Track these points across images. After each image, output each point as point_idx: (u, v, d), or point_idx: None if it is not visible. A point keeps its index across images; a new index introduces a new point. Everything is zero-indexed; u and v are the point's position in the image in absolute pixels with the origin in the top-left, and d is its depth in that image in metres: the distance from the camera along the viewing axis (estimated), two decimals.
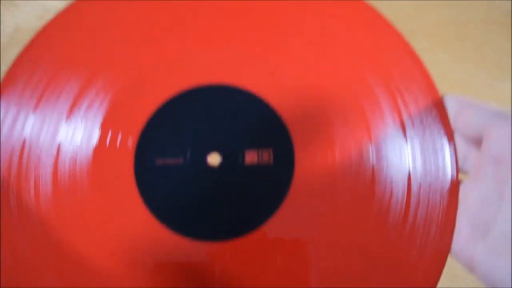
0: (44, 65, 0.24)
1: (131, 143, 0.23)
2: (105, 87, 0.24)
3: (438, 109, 0.23)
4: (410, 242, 0.22)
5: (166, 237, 0.22)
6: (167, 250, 0.22)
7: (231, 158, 0.23)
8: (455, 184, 0.22)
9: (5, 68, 0.25)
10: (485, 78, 0.45)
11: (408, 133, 0.23)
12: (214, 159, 0.23)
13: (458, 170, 0.22)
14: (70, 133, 0.23)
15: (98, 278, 0.22)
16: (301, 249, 0.22)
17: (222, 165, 0.23)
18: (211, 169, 0.23)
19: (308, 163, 0.23)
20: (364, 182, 0.23)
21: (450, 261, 0.22)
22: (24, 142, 0.23)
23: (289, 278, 0.22)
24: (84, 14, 0.25)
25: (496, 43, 0.46)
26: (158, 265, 0.22)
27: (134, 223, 0.23)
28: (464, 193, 0.22)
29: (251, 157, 0.23)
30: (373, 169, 0.23)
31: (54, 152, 0.23)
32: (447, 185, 0.22)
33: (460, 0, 0.47)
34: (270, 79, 0.24)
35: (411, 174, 0.22)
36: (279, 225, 0.23)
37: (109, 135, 0.23)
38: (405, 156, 0.23)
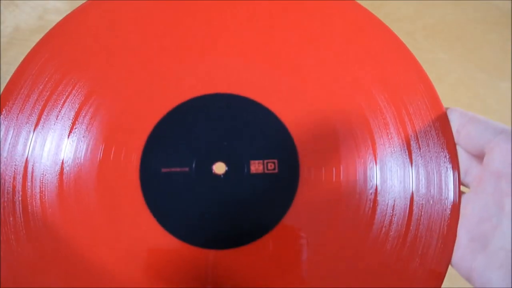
0: (44, 79, 0.23)
1: (136, 154, 0.23)
2: (107, 98, 0.23)
3: (442, 122, 0.23)
4: (412, 252, 0.22)
5: (172, 245, 0.22)
6: (173, 258, 0.23)
7: (236, 169, 0.23)
8: (457, 197, 0.22)
9: (5, 68, 0.25)
10: (485, 78, 0.45)
11: (412, 147, 0.23)
12: (219, 169, 0.23)
13: (460, 183, 0.23)
14: (73, 149, 0.23)
15: (104, 283, 0.22)
16: (304, 258, 0.22)
17: (227, 174, 0.23)
18: (217, 177, 0.23)
19: (312, 174, 0.23)
20: (368, 194, 0.23)
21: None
22: (27, 160, 0.23)
23: (293, 285, 0.22)
24: (83, 26, 0.24)
25: (496, 43, 0.46)
26: (164, 272, 0.22)
27: (140, 233, 0.23)
28: (464, 205, 0.22)
29: (256, 167, 0.23)
30: (376, 182, 0.23)
31: (59, 165, 0.23)
32: (450, 197, 0.22)
33: (460, 0, 0.47)
34: (277, 90, 0.24)
35: (415, 186, 0.23)
36: (282, 236, 0.23)
37: (113, 147, 0.23)
38: (409, 169, 0.23)
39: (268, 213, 0.23)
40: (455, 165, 0.23)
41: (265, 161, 0.23)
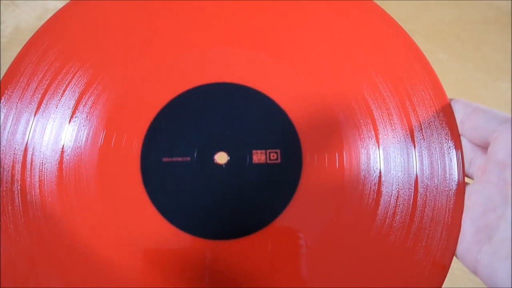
0: (44, 67, 0.23)
1: (137, 142, 0.23)
2: (109, 86, 0.23)
3: (446, 112, 0.23)
4: (416, 243, 0.22)
5: (172, 234, 0.22)
6: (173, 248, 0.22)
7: (238, 158, 0.23)
8: (462, 187, 0.22)
9: (5, 68, 0.25)
10: (485, 78, 0.45)
11: (416, 137, 0.23)
12: (221, 158, 0.23)
13: (464, 173, 0.22)
14: (73, 135, 0.23)
15: (103, 273, 0.22)
16: (307, 248, 0.22)
17: (229, 163, 0.23)
18: (218, 167, 0.23)
19: (315, 164, 0.23)
20: (371, 184, 0.23)
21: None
22: (26, 148, 0.22)
23: (295, 277, 0.22)
24: (85, 13, 0.24)
25: (496, 43, 0.46)
26: (163, 261, 0.22)
27: (141, 222, 0.22)
28: (468, 196, 0.22)
29: (258, 157, 0.23)
30: (380, 172, 0.23)
31: (58, 153, 0.23)
32: (454, 188, 0.22)
33: (460, 0, 0.47)
34: (279, 79, 0.24)
35: (418, 177, 0.23)
36: (285, 225, 0.23)
37: (114, 135, 0.23)
38: (412, 160, 0.23)
39: (271, 203, 0.23)
40: (460, 155, 0.22)
41: (268, 151, 0.23)
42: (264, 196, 0.23)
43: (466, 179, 0.23)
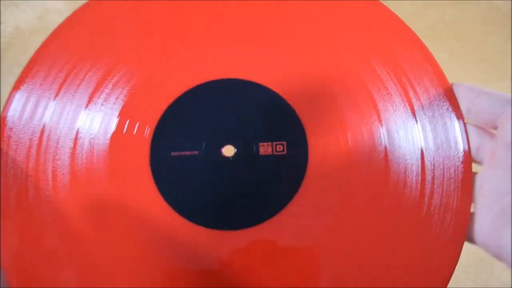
0: (66, 55, 0.24)
1: (148, 132, 0.24)
2: (125, 77, 0.24)
3: (449, 97, 0.23)
4: (427, 222, 0.22)
5: (181, 226, 0.23)
6: (181, 239, 0.23)
7: (245, 151, 0.24)
8: (468, 156, 0.22)
9: (5, 68, 0.25)
10: (485, 78, 0.45)
11: (417, 112, 0.23)
12: (228, 151, 0.24)
13: (469, 142, 0.23)
14: (89, 120, 0.24)
15: (111, 263, 0.22)
16: (317, 235, 0.23)
17: (236, 156, 0.24)
18: (226, 159, 0.24)
19: (321, 151, 0.23)
20: (378, 164, 0.23)
21: None
22: (43, 127, 0.23)
23: (305, 267, 0.23)
24: (106, 6, 0.25)
25: (496, 43, 0.46)
26: (173, 252, 0.23)
27: (149, 212, 0.23)
28: (480, 183, 0.22)
29: (265, 149, 0.24)
30: (385, 150, 0.23)
31: (73, 138, 0.23)
32: (461, 157, 0.22)
33: (460, 0, 0.47)
34: (281, 71, 0.24)
35: (424, 151, 0.23)
36: (293, 215, 0.23)
37: (127, 123, 0.24)
38: (416, 134, 0.23)
39: (278, 193, 0.23)
40: (462, 123, 0.23)
41: (274, 143, 0.24)
42: (271, 186, 0.23)
43: (475, 167, 0.23)
